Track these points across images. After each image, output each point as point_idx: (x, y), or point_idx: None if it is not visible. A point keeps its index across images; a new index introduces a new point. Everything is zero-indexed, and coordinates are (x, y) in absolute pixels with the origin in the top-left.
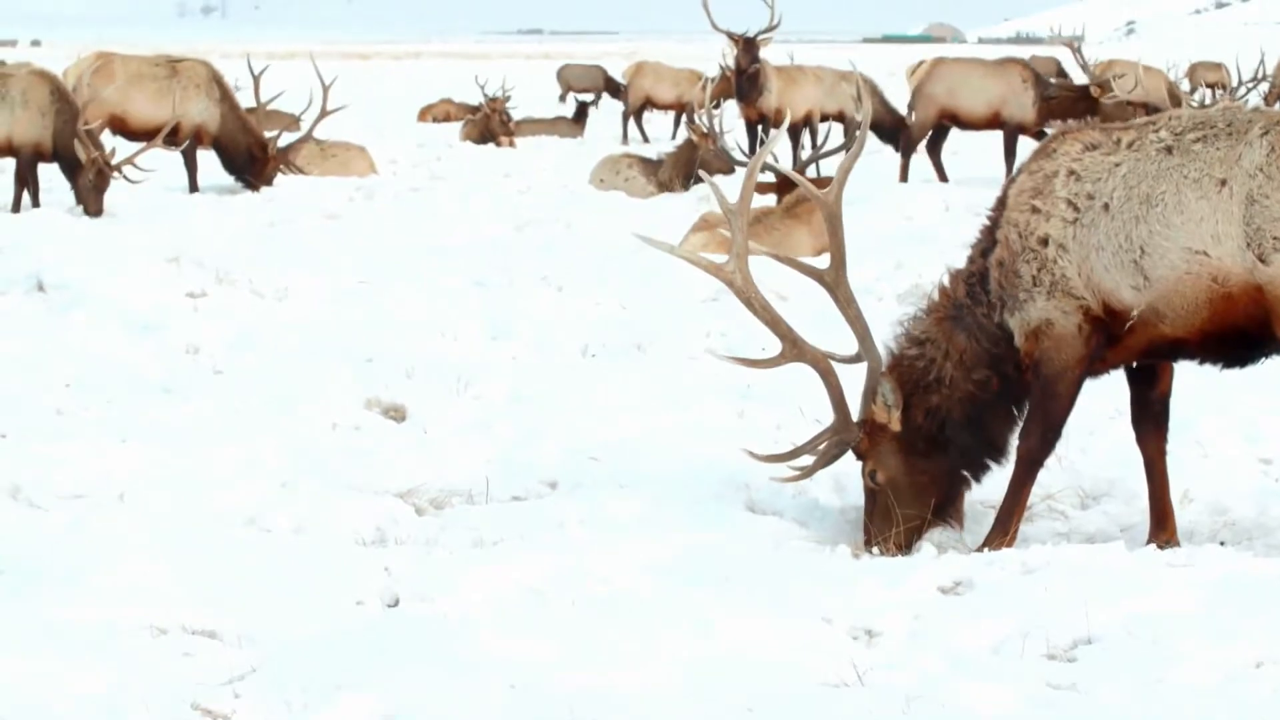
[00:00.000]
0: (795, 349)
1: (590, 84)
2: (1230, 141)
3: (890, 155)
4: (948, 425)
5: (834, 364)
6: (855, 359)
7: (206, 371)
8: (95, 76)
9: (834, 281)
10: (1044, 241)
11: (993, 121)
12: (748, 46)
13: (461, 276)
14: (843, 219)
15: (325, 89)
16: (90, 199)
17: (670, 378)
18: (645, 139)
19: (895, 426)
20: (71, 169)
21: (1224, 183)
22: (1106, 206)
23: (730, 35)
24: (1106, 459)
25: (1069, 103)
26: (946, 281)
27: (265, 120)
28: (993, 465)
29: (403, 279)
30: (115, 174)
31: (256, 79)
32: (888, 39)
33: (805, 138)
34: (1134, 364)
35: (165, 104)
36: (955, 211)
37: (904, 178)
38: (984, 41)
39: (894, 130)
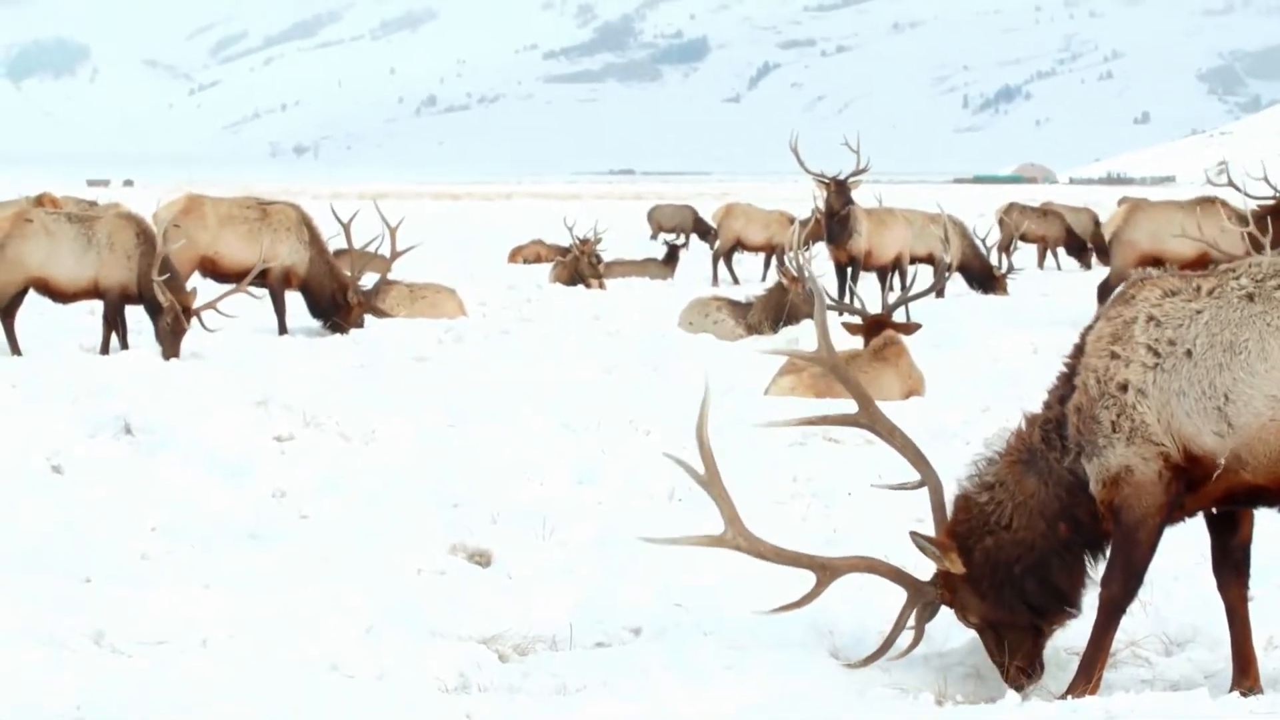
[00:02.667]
0: (827, 571)
1: (680, 224)
2: None
3: (976, 298)
4: (1000, 568)
5: (876, 557)
6: (919, 485)
7: (292, 516)
8: (186, 219)
9: (870, 420)
10: (1123, 387)
11: (1199, 262)
12: (840, 189)
13: (549, 419)
14: (843, 364)
15: (392, 231)
16: (167, 343)
17: (755, 522)
18: (735, 280)
19: (957, 569)
20: (156, 310)
21: None
22: (1189, 353)
23: (821, 178)
24: (1191, 605)
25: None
26: (1023, 426)
27: (360, 261)
28: (1068, 613)
29: (490, 422)
30: (194, 319)
31: (346, 225)
32: (979, 179)
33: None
34: (1214, 510)
35: (256, 246)
36: (1043, 354)
37: None
38: (1075, 182)
39: (983, 275)
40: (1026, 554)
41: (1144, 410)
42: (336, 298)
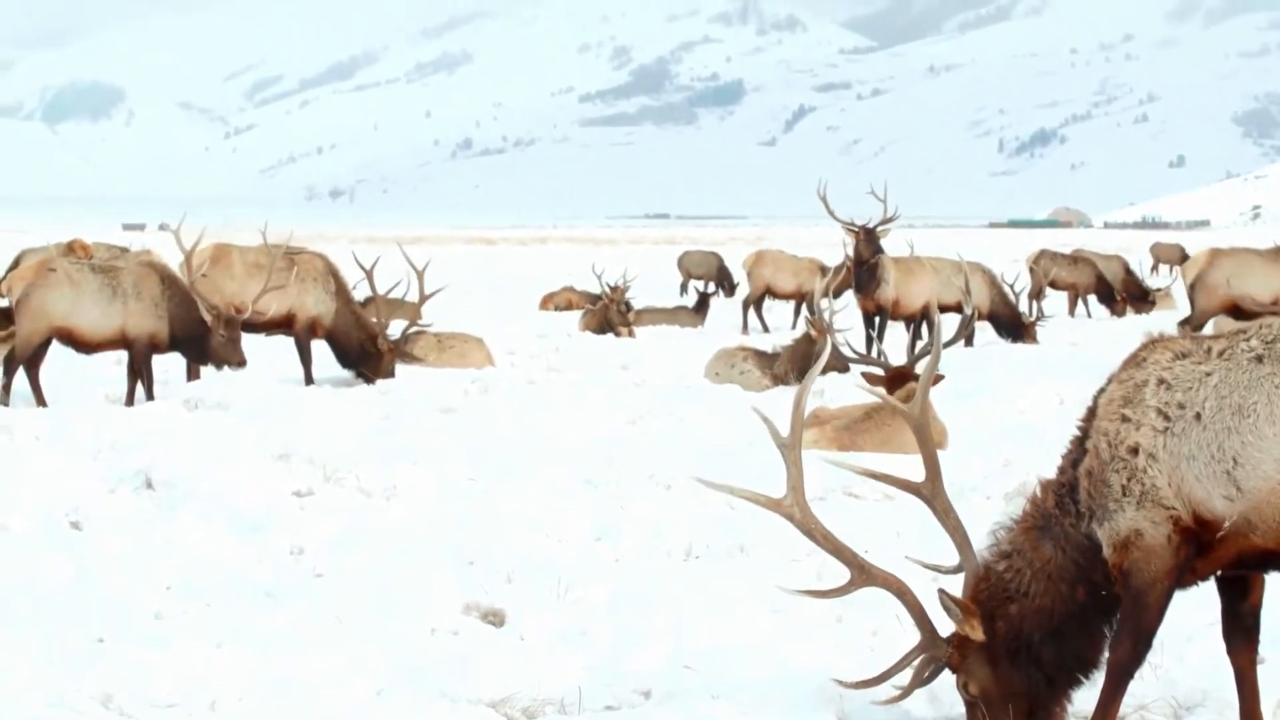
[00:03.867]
0: (864, 574)
1: (706, 271)
2: None
3: (1005, 346)
4: (1023, 636)
5: (909, 587)
6: (958, 569)
7: (308, 574)
8: (214, 268)
9: (931, 493)
10: (1134, 451)
11: (1272, 307)
12: (868, 237)
13: (570, 473)
14: (930, 429)
15: (419, 274)
16: (230, 352)
17: (771, 580)
18: (765, 329)
19: (977, 636)
20: (199, 348)
21: None
22: (1199, 416)
23: (850, 226)
24: (1201, 668)
25: None
26: (1038, 491)
27: (387, 308)
28: (1082, 680)
29: (512, 476)
30: (241, 314)
31: (369, 272)
32: (1014, 224)
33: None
34: (1225, 574)
35: (283, 295)
36: (1069, 406)
37: None
38: (1110, 226)
39: (1012, 323)
40: (1047, 621)
41: (1154, 474)
42: (365, 347)
